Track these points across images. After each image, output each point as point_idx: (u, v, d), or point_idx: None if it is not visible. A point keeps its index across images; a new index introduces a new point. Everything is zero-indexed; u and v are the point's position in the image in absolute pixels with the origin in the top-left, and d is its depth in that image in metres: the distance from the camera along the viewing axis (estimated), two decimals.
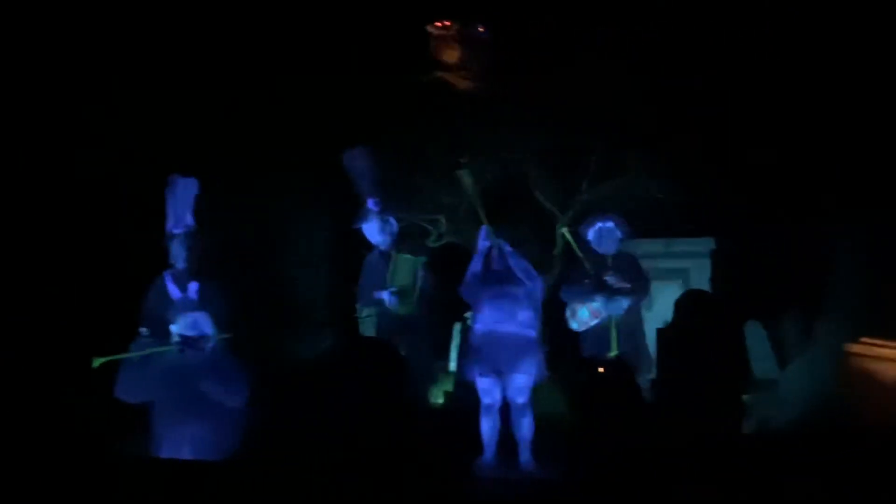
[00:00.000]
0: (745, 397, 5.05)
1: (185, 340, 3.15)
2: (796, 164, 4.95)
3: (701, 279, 5.22)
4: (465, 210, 5.62)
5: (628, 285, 3.85)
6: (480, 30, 4.72)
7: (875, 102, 4.48)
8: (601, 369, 3.36)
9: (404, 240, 4.33)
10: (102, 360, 3.06)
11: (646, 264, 5.33)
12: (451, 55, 4.73)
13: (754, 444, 3.96)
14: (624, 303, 3.80)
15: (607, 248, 4.01)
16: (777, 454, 3.94)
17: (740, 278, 5.14)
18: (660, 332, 4.46)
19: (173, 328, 3.19)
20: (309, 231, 4.90)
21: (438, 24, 4.70)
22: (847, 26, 4.80)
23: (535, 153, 5.47)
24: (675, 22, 4.94)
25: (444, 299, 4.29)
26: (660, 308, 4.85)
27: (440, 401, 4.92)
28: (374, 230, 4.16)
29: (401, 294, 4.08)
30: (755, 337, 5.20)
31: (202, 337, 3.17)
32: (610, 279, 3.83)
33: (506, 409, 3.76)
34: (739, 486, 3.39)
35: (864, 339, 3.97)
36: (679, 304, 4.43)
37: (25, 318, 3.94)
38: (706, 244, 5.26)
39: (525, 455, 3.67)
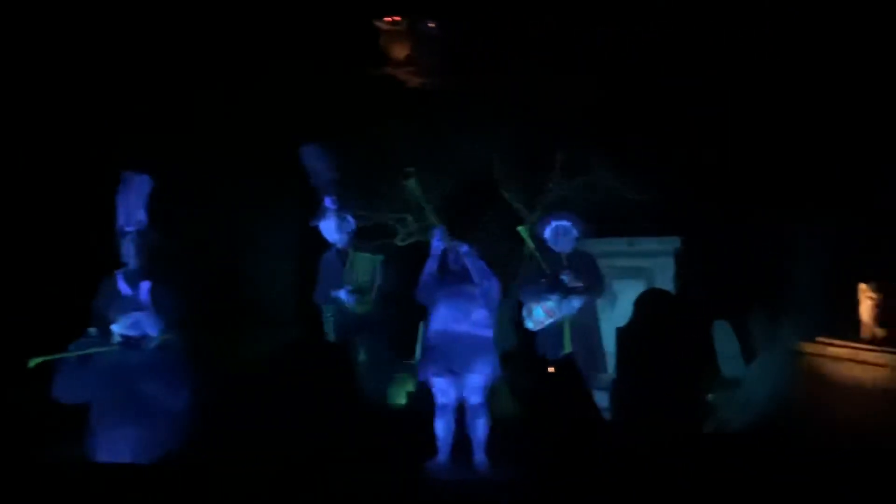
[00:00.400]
0: (710, 396, 5.10)
1: (127, 340, 3.09)
2: (759, 165, 4.97)
3: (664, 278, 5.22)
4: (432, 209, 5.60)
5: (582, 284, 3.83)
6: (431, 25, 4.67)
7: (835, 107, 4.51)
8: (551, 368, 3.34)
9: (364, 238, 4.28)
10: (39, 360, 2.98)
11: (609, 263, 5.35)
12: (401, 50, 4.68)
13: (710, 442, 3.96)
14: (576, 302, 3.78)
15: (563, 246, 3.99)
16: (732, 453, 3.96)
17: (704, 277, 5.15)
18: (619, 330, 4.47)
19: (114, 327, 3.13)
20: (270, 229, 4.83)
21: (388, 18, 4.64)
22: (810, 28, 4.84)
23: (500, 151, 5.44)
24: (636, 20, 4.93)
25: (408, 299, 4.25)
26: (623, 307, 4.84)
27: (402, 401, 4.88)
28: (331, 228, 4.12)
29: (358, 293, 4.03)
30: (723, 336, 5.21)
31: (144, 337, 3.11)
32: (565, 278, 3.81)
33: (463, 410, 3.73)
34: (692, 484, 3.40)
35: (818, 339, 3.99)
36: (637, 303, 4.45)
37: None
38: (670, 243, 5.26)
39: (479, 456, 3.64)
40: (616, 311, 4.99)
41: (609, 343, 4.27)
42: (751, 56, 4.84)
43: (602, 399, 4.50)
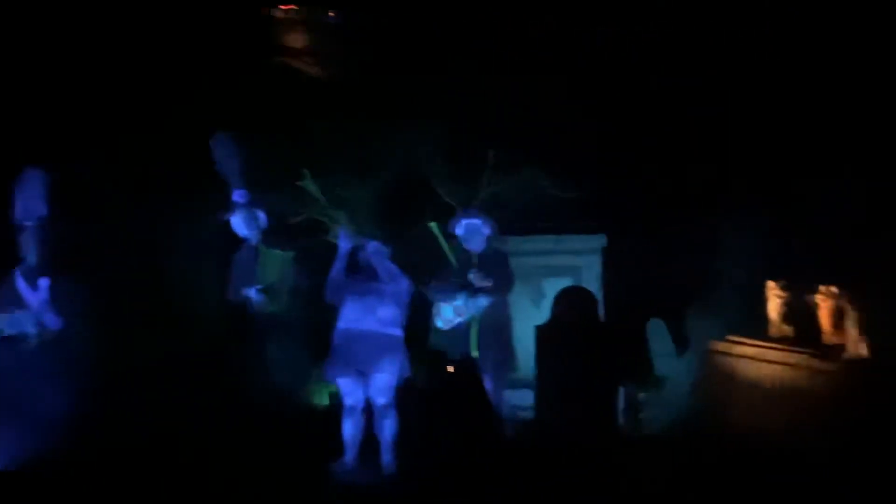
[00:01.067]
0: (641, 395, 5.11)
1: (3, 339, 2.95)
2: (683, 166, 5.00)
3: (592, 276, 5.21)
4: (367, 204, 5.51)
5: (491, 283, 3.78)
6: (331, 14, 4.57)
7: (748, 112, 4.55)
8: (450, 368, 3.30)
9: (277, 234, 4.16)
10: None
11: (537, 261, 5.33)
12: (298, 40, 4.56)
13: (616, 441, 3.96)
14: (483, 301, 3.74)
15: (474, 245, 3.93)
16: (643, 452, 3.97)
17: (630, 275, 5.16)
18: (537, 328, 4.44)
19: None
20: (187, 224, 4.67)
21: (283, 7, 4.51)
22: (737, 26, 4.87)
23: (433, 147, 5.37)
24: (567, 15, 4.91)
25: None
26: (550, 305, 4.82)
27: (324, 401, 4.79)
28: (240, 224, 4.01)
29: (268, 291, 3.93)
30: (657, 334, 5.22)
31: (24, 336, 2.97)
32: (473, 277, 3.77)
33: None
34: (593, 483, 3.39)
35: (728, 337, 4.01)
36: (555, 301, 4.43)
37: None
38: (597, 241, 5.24)
39: (387, 457, 3.58)
40: (542, 309, 4.97)
41: (523, 342, 4.23)
42: (676, 58, 4.87)
43: (521, 397, 4.49)
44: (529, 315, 4.80)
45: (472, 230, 3.96)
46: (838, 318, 3.49)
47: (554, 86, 5.09)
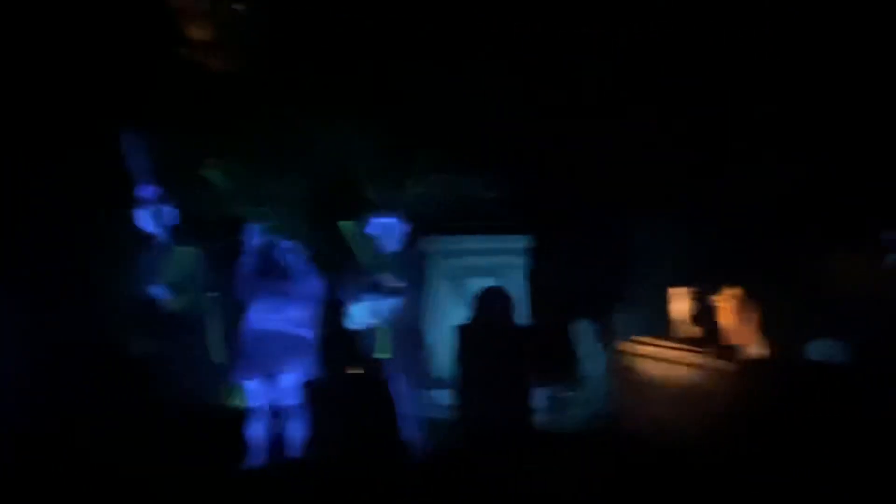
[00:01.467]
0: (568, 393, 5.17)
1: None
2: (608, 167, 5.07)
3: (517, 276, 5.24)
4: (293, 201, 5.41)
5: (402, 285, 3.76)
6: (237, 7, 4.43)
7: (671, 111, 4.64)
8: (356, 370, 3.28)
9: (184, 231, 4.03)
10: None
11: (463, 261, 5.34)
12: (202, 32, 4.40)
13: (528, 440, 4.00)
14: (393, 302, 3.71)
15: (388, 245, 3.90)
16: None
17: (555, 275, 5.22)
18: (456, 328, 4.46)
19: None
20: (91, 220, 4.49)
21: None
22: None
23: (355, 145, 5.30)
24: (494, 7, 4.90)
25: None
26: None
27: (235, 403, 4.68)
28: (146, 220, 3.88)
29: (174, 289, 3.82)
30: (581, 333, 5.29)
31: None
32: (384, 278, 3.73)
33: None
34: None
35: (633, 337, 4.09)
36: (475, 301, 4.46)
37: None
38: (521, 241, 5.28)
39: (294, 459, 3.52)
40: (468, 309, 4.98)
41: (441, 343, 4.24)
42: (602, 57, 4.92)
43: (439, 397, 4.50)
44: (454, 315, 4.81)
45: (385, 230, 3.92)
46: (739, 318, 3.59)
47: (481, 84, 5.08)
